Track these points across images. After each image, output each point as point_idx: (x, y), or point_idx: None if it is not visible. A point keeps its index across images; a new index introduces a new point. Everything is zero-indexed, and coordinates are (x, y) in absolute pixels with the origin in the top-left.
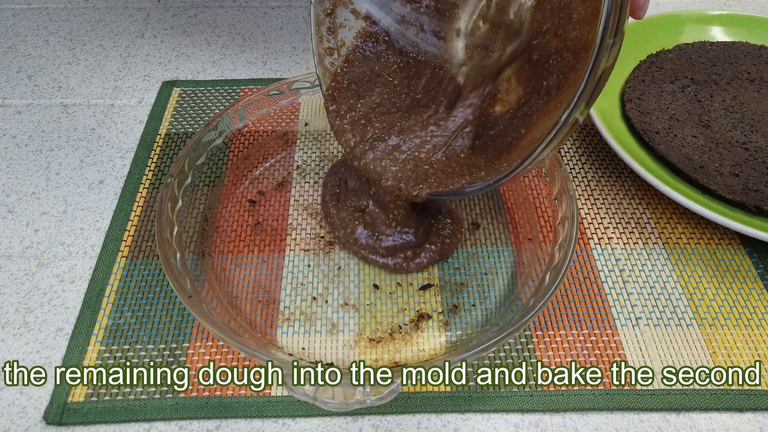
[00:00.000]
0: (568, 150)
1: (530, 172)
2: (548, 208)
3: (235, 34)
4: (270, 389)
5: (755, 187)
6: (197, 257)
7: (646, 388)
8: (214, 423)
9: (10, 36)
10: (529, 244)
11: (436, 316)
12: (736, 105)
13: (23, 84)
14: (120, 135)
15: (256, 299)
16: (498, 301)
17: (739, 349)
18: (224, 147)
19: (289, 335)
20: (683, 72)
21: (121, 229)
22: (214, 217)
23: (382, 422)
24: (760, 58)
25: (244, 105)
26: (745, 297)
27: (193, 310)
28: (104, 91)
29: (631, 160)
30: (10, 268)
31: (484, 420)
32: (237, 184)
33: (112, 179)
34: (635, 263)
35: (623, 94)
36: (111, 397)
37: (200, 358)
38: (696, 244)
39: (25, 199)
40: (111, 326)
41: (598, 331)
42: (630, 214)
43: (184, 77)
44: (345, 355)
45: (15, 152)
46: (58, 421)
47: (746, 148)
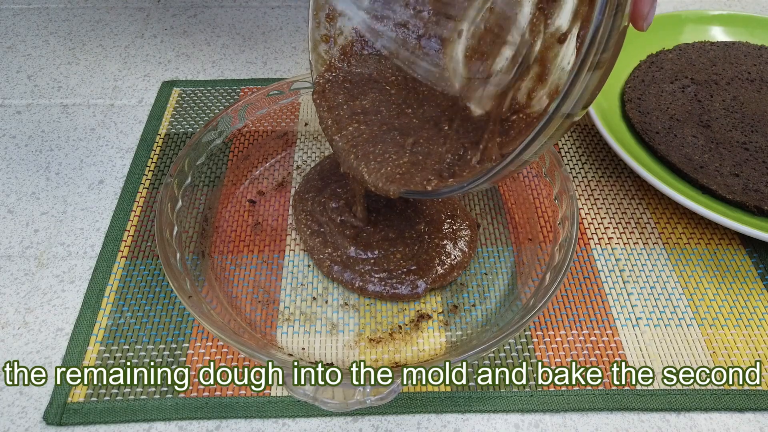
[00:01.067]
0: (568, 150)
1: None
2: (548, 208)
3: (235, 34)
4: (270, 389)
5: (755, 187)
6: (197, 257)
7: (646, 388)
8: (214, 423)
9: (10, 36)
10: (529, 244)
11: (436, 316)
12: (736, 105)
13: (23, 84)
14: (120, 135)
15: (256, 299)
16: (498, 301)
17: (739, 349)
18: (224, 147)
19: (289, 335)
20: (683, 72)
21: (120, 229)
22: (214, 217)
23: (382, 422)
24: (760, 58)
25: (244, 105)
26: (745, 297)
27: (193, 310)
28: (104, 91)
29: (631, 160)
30: (10, 268)
31: (484, 420)
32: (237, 184)
33: (111, 179)
34: (635, 263)
35: (623, 94)
36: (111, 397)
37: (200, 358)
38: (696, 244)
39: (25, 199)
40: (111, 326)
41: (598, 331)
42: (630, 214)
43: (184, 77)
44: (345, 355)
45: (15, 152)
46: (58, 421)
47: (746, 148)
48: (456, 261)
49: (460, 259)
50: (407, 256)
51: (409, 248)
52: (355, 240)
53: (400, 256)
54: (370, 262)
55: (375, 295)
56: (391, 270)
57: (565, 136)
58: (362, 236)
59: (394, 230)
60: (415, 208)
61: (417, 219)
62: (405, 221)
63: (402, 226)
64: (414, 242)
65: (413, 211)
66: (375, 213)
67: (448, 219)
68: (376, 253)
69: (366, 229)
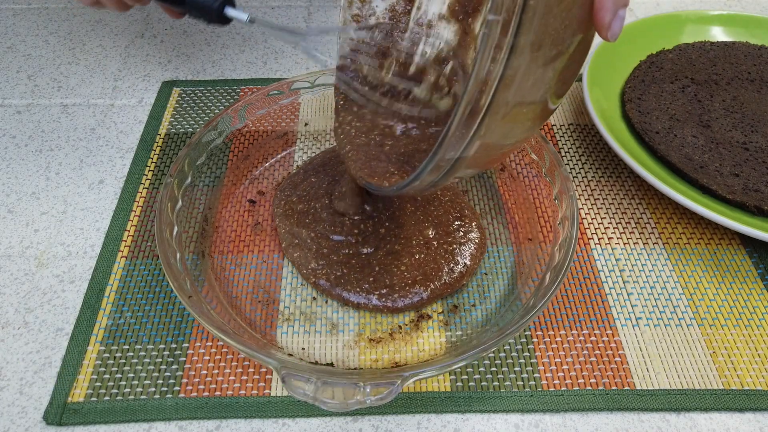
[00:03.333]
0: (568, 150)
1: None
2: (548, 208)
3: (235, 34)
4: (270, 389)
5: (755, 187)
6: (197, 257)
7: (646, 388)
8: (214, 423)
9: (10, 36)
10: (529, 244)
11: (436, 316)
12: (736, 105)
13: (23, 84)
14: (120, 135)
15: (256, 299)
16: (498, 301)
17: (739, 349)
18: (224, 147)
19: (289, 335)
20: (683, 72)
21: (120, 229)
22: (214, 217)
23: (382, 422)
24: (760, 58)
25: (244, 105)
26: (745, 297)
27: (193, 310)
28: (104, 91)
29: (631, 160)
30: (10, 268)
31: (484, 420)
32: (237, 184)
33: (111, 179)
34: (635, 263)
35: (623, 94)
36: (111, 397)
37: (200, 358)
38: (696, 244)
39: (25, 199)
40: (111, 326)
41: (598, 331)
42: (630, 214)
43: (184, 77)
44: (345, 355)
45: (15, 152)
46: (58, 421)
47: (746, 148)
48: (465, 268)
49: (470, 264)
50: (412, 266)
51: (416, 257)
52: (355, 259)
53: (405, 269)
54: (369, 280)
55: (376, 310)
56: (394, 285)
57: (565, 136)
58: (362, 256)
59: (398, 241)
60: (424, 210)
61: (425, 223)
62: (413, 226)
63: (408, 234)
64: (421, 249)
65: (421, 214)
66: (377, 225)
67: (456, 220)
68: (377, 270)
69: (366, 251)
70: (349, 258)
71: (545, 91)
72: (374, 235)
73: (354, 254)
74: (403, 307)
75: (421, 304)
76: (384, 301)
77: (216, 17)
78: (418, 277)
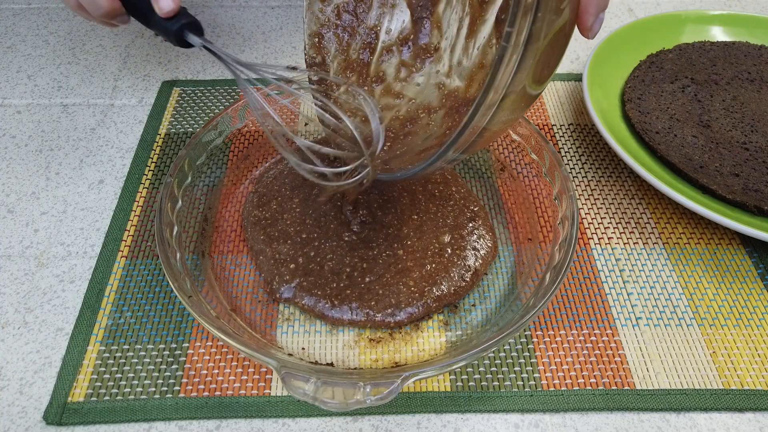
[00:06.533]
0: (568, 150)
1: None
2: (548, 208)
3: (235, 34)
4: (270, 389)
5: (755, 187)
6: (197, 257)
7: (646, 388)
8: (214, 423)
9: (10, 36)
10: (529, 244)
11: (436, 316)
12: (736, 105)
13: (23, 84)
14: (120, 135)
15: (256, 299)
16: (498, 301)
17: (739, 349)
18: (224, 147)
19: (289, 335)
20: (683, 72)
21: (120, 229)
22: (214, 217)
23: (382, 422)
24: (760, 58)
25: (244, 105)
26: (745, 297)
27: (193, 310)
28: (104, 90)
29: (631, 160)
30: (10, 268)
31: (484, 420)
32: (237, 184)
33: (111, 179)
34: (635, 263)
35: (623, 94)
36: (111, 397)
37: (200, 358)
38: (696, 244)
39: (25, 199)
40: (111, 326)
41: (598, 331)
42: (630, 214)
43: (184, 77)
44: (345, 355)
45: (15, 152)
46: (58, 421)
47: (746, 148)
48: (473, 276)
49: (480, 269)
50: (421, 278)
51: (426, 268)
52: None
53: (413, 283)
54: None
55: (382, 326)
56: (400, 302)
57: (565, 136)
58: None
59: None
60: (441, 211)
61: (439, 231)
62: (422, 237)
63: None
64: (434, 257)
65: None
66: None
67: (469, 223)
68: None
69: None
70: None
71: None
72: (373, 259)
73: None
74: (407, 321)
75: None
76: (384, 317)
77: (175, 40)
78: (426, 289)
